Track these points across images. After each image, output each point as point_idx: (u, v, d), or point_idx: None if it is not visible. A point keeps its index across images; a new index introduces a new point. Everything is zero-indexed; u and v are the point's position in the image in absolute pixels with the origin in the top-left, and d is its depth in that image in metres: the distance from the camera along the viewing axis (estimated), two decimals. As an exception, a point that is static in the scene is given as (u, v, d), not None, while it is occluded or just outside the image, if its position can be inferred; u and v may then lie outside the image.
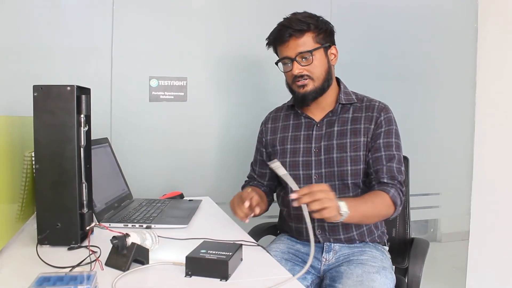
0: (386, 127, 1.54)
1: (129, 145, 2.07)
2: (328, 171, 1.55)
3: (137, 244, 1.07)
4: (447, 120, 2.57)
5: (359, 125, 1.55)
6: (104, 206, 1.55)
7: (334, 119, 1.58)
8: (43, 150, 1.18)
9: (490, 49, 2.25)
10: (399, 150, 1.55)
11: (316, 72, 1.52)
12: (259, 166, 1.75)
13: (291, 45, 1.51)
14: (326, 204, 1.23)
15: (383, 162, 1.51)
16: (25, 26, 1.93)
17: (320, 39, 1.53)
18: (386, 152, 1.52)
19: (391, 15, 2.45)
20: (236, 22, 2.23)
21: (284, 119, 1.69)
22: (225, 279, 0.99)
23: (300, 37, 1.50)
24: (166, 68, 2.13)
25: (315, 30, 1.52)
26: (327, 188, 1.26)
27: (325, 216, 1.24)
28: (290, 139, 1.63)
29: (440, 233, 4.11)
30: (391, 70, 2.46)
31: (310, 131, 1.60)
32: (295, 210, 1.59)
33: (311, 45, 1.51)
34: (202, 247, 1.07)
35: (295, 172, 1.59)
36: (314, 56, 1.51)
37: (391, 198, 1.45)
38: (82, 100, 1.20)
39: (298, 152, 1.60)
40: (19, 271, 1.05)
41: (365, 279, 1.37)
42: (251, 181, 1.78)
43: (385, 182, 1.49)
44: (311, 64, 1.51)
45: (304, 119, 1.63)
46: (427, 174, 2.44)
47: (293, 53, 1.51)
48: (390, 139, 1.53)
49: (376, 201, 1.44)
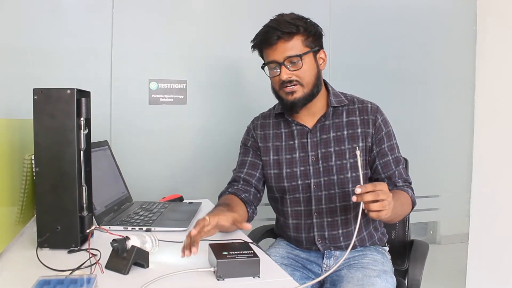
0: (386, 129, 1.53)
1: (129, 147, 2.07)
2: (327, 180, 1.51)
3: (137, 247, 1.07)
4: (446, 122, 2.57)
5: (355, 129, 1.52)
6: (104, 209, 1.55)
7: (328, 124, 1.53)
8: (43, 153, 1.18)
9: (489, 51, 2.25)
10: (399, 151, 1.55)
11: (306, 78, 1.44)
12: (249, 168, 1.60)
13: (279, 48, 1.42)
14: (387, 207, 1.19)
15: (393, 167, 1.51)
16: (25, 29, 1.93)
17: (310, 43, 1.45)
18: (393, 156, 1.52)
19: (390, 17, 2.45)
20: (236, 25, 2.23)
21: (275, 127, 1.60)
22: (258, 275, 1.03)
23: (288, 40, 1.42)
24: (165, 71, 2.14)
25: (305, 33, 1.44)
26: (387, 190, 1.20)
27: (382, 217, 1.21)
28: (284, 149, 1.56)
29: (439, 235, 4.11)
30: (390, 72, 2.46)
31: (305, 139, 1.54)
32: (295, 220, 1.57)
33: (300, 49, 1.43)
34: (220, 249, 1.08)
35: (292, 183, 1.54)
36: (303, 61, 1.43)
37: (410, 197, 1.48)
38: (82, 103, 1.20)
39: (294, 162, 1.54)
40: (19, 274, 1.05)
41: (365, 283, 1.36)
42: (233, 185, 1.59)
43: (401, 185, 1.50)
44: (300, 69, 1.43)
45: (295, 127, 1.55)
46: (426, 176, 2.44)
47: (281, 57, 1.43)
48: (391, 141, 1.53)
49: (404, 201, 1.45)
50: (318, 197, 1.52)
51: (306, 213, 1.55)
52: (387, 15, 2.45)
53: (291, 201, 1.56)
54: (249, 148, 1.63)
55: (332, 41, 2.21)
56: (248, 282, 1.02)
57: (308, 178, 1.53)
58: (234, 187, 1.58)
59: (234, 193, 1.55)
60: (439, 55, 2.53)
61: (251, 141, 1.63)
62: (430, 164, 2.50)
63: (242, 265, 1.03)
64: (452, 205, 2.62)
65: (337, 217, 1.52)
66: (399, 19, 2.46)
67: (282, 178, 1.56)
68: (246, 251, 1.07)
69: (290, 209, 1.57)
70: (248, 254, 1.05)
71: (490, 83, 2.25)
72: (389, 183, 1.49)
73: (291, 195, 1.56)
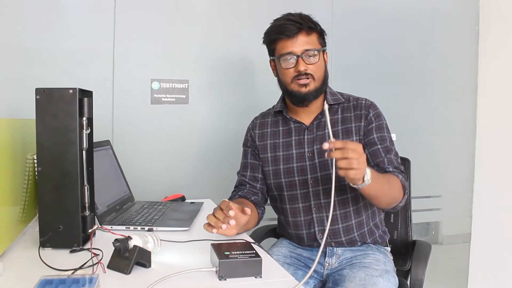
0: (377, 122, 1.53)
1: (131, 147, 2.08)
2: (324, 175, 1.52)
3: (139, 247, 1.07)
4: (448, 122, 2.56)
5: (349, 124, 1.54)
6: (106, 209, 1.55)
7: (324, 121, 1.55)
8: (45, 153, 1.18)
9: (491, 51, 2.25)
10: (393, 144, 1.54)
11: (318, 72, 1.50)
12: (251, 171, 1.65)
13: (299, 41, 1.47)
14: (355, 166, 1.16)
15: (382, 154, 1.49)
16: (27, 29, 1.94)
17: (322, 41, 1.54)
18: (382, 145, 1.50)
19: (392, 16, 2.45)
20: (238, 24, 2.23)
21: (273, 125, 1.64)
22: (260, 275, 1.03)
23: (309, 34, 1.49)
24: (167, 70, 2.14)
25: (320, 31, 1.53)
26: (360, 150, 1.18)
27: (350, 176, 1.19)
28: (281, 146, 1.60)
29: (441, 235, 4.11)
30: (392, 72, 2.46)
31: (302, 135, 1.57)
32: (294, 217, 1.58)
33: (317, 44, 1.51)
34: (222, 249, 1.08)
35: (290, 178, 1.56)
36: (319, 56, 1.50)
37: (401, 181, 1.44)
38: (84, 103, 1.20)
39: (291, 158, 1.57)
40: (22, 274, 1.05)
41: (367, 283, 1.37)
42: (240, 189, 1.64)
43: (390, 171, 1.47)
44: (316, 63, 1.49)
45: (293, 124, 1.59)
46: (428, 176, 2.44)
47: (299, 50, 1.47)
48: (383, 133, 1.52)
49: (391, 181, 1.42)
50: (316, 192, 1.54)
51: (305, 210, 1.56)
52: (389, 15, 2.44)
53: (289, 198, 1.58)
54: (248, 148, 1.67)
55: (333, 41, 2.20)
56: (250, 282, 1.02)
57: (305, 174, 1.55)
58: (243, 190, 1.62)
59: (244, 196, 1.59)
60: (441, 55, 2.53)
61: (250, 141, 1.67)
62: (432, 164, 2.49)
63: (244, 265, 1.03)
64: (454, 205, 2.62)
65: (336, 211, 1.52)
66: (400, 19, 2.46)
67: (279, 174, 1.58)
68: (248, 251, 1.07)
69: (289, 206, 1.58)
70: (250, 254, 1.05)
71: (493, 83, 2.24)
72: (378, 169, 1.45)
73: (289, 191, 1.57)
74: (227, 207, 1.21)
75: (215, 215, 1.23)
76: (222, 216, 1.21)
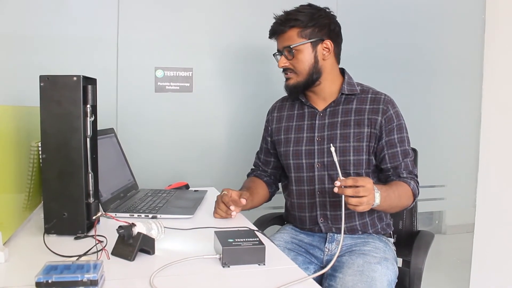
0: (398, 121, 1.56)
1: (135, 135, 2.08)
2: (330, 160, 1.55)
3: (143, 234, 1.07)
4: (453, 112, 2.55)
5: (363, 115, 1.56)
6: (110, 196, 1.56)
7: (338, 109, 1.59)
8: (49, 140, 1.19)
9: (498, 40, 2.23)
10: (410, 144, 1.59)
11: (299, 67, 1.55)
12: (264, 154, 1.78)
13: (279, 39, 1.58)
14: (364, 205, 1.28)
15: (400, 158, 1.54)
16: (31, 17, 1.93)
17: (307, 34, 1.53)
18: (402, 148, 1.55)
19: (398, 6, 2.43)
20: (242, 12, 2.22)
21: (290, 109, 1.70)
22: (263, 263, 1.04)
23: (285, 31, 1.54)
24: (172, 58, 2.13)
25: (301, 25, 1.53)
26: (370, 186, 1.29)
27: (358, 211, 1.32)
28: (294, 129, 1.65)
29: (445, 225, 4.11)
30: (398, 62, 2.44)
31: (313, 120, 1.61)
32: (298, 199, 1.63)
33: (294, 40, 1.53)
34: (225, 236, 1.09)
35: (298, 160, 1.62)
36: (296, 51, 1.54)
37: (411, 189, 1.51)
38: (88, 90, 1.20)
39: (301, 141, 1.62)
40: (27, 260, 1.06)
41: (365, 269, 1.38)
42: (256, 169, 1.81)
43: (404, 176, 1.54)
44: (293, 59, 1.55)
45: (307, 109, 1.64)
46: (432, 166, 2.43)
47: (280, 47, 1.58)
48: (402, 134, 1.57)
49: (402, 193, 1.49)
50: (321, 176, 1.58)
51: (309, 192, 1.61)
52: (394, 5, 2.42)
53: (295, 179, 1.63)
54: (265, 133, 1.78)
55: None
56: (253, 270, 1.02)
57: (312, 158, 1.59)
58: (257, 171, 1.80)
59: (258, 176, 1.78)
60: (447, 45, 2.51)
61: (266, 124, 1.78)
62: (437, 154, 2.49)
63: (247, 252, 1.04)
64: (458, 195, 2.62)
65: (339, 197, 1.52)
66: (406, 8, 2.43)
67: (288, 155, 1.64)
68: (252, 238, 1.08)
69: (295, 187, 1.64)
70: (254, 242, 1.06)
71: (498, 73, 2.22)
72: (394, 173, 1.55)
73: (296, 173, 1.63)
74: (227, 202, 1.44)
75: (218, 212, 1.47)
76: (224, 209, 1.45)
